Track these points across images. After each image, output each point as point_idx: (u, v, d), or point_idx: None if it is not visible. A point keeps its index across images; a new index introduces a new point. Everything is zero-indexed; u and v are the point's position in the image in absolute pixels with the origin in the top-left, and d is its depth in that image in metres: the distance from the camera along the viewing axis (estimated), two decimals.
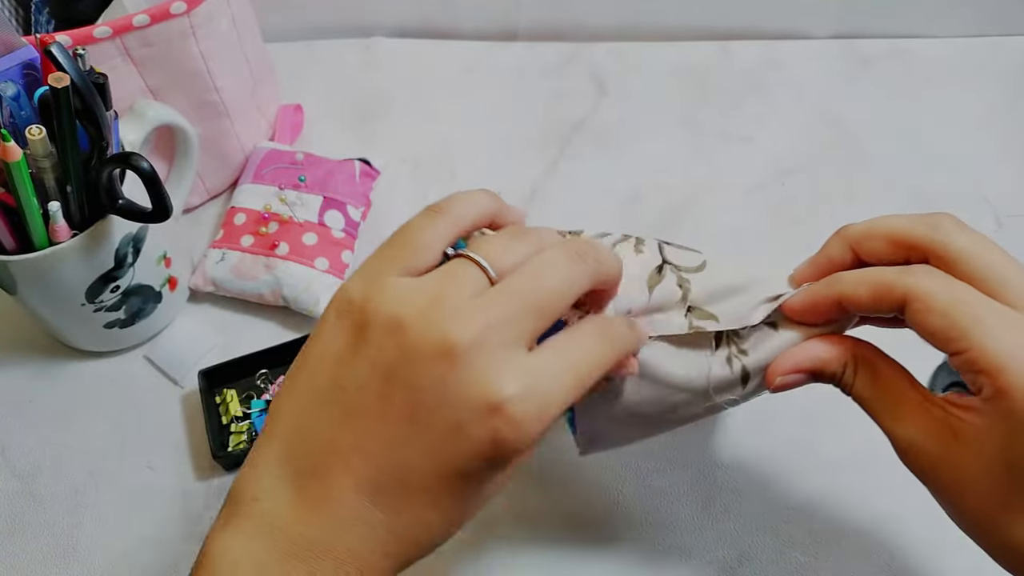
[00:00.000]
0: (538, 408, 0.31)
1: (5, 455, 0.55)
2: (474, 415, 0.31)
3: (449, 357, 0.31)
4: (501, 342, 0.31)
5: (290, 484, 0.32)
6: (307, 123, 0.72)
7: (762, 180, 0.68)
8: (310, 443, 0.32)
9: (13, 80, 0.46)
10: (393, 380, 0.31)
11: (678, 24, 0.78)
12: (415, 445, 0.31)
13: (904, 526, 0.50)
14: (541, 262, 0.33)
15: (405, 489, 0.32)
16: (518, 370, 0.31)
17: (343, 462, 0.32)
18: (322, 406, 0.33)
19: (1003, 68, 0.75)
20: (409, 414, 0.31)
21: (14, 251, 0.48)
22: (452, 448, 0.31)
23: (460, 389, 0.31)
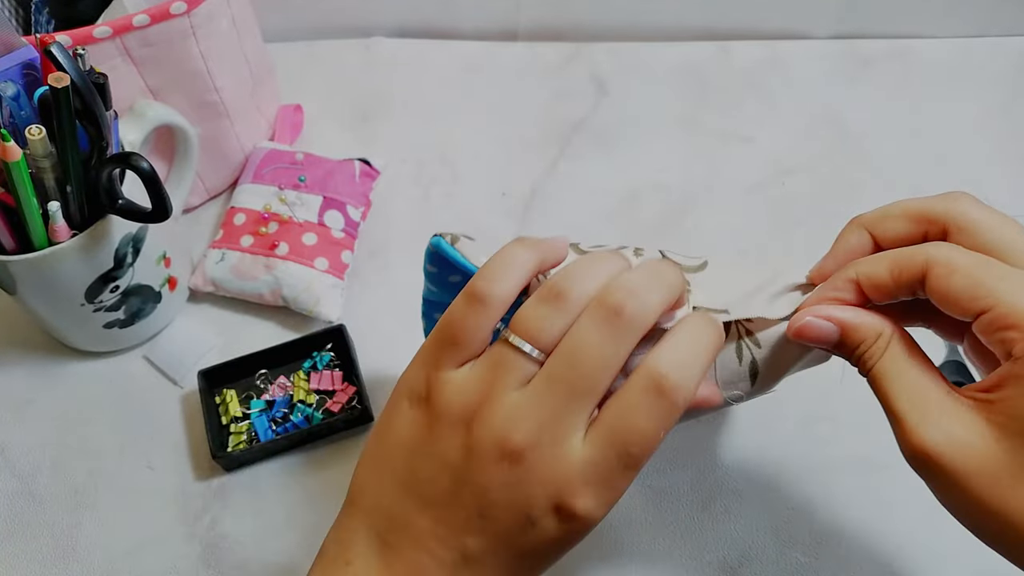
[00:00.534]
0: (604, 499, 0.33)
1: (5, 455, 0.55)
2: (543, 513, 0.33)
3: (510, 460, 0.33)
4: (557, 438, 0.33)
5: (378, 555, 0.35)
6: (307, 123, 0.72)
7: (762, 180, 0.68)
8: (394, 522, 0.35)
9: (13, 80, 0.46)
10: (460, 479, 0.34)
11: (678, 24, 0.78)
12: (487, 535, 0.33)
13: (904, 526, 0.50)
14: (580, 340, 0.34)
15: (480, 569, 0.34)
16: (577, 467, 0.33)
17: (423, 544, 0.34)
18: (401, 490, 0.35)
19: (1003, 68, 0.75)
20: (478, 510, 0.33)
21: (14, 251, 0.48)
22: (524, 539, 0.33)
23: (525, 491, 0.33)
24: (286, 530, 0.52)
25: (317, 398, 0.56)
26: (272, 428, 0.54)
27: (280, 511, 0.53)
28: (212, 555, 0.51)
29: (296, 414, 0.54)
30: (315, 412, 0.55)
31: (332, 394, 0.56)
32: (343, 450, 0.55)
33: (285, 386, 0.56)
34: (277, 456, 0.54)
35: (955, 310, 0.33)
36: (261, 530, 0.52)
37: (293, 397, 0.55)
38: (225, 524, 0.52)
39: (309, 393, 0.56)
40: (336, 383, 0.56)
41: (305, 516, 0.52)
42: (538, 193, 0.68)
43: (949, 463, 0.32)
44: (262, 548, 0.51)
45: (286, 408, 0.55)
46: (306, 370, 0.57)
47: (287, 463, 0.54)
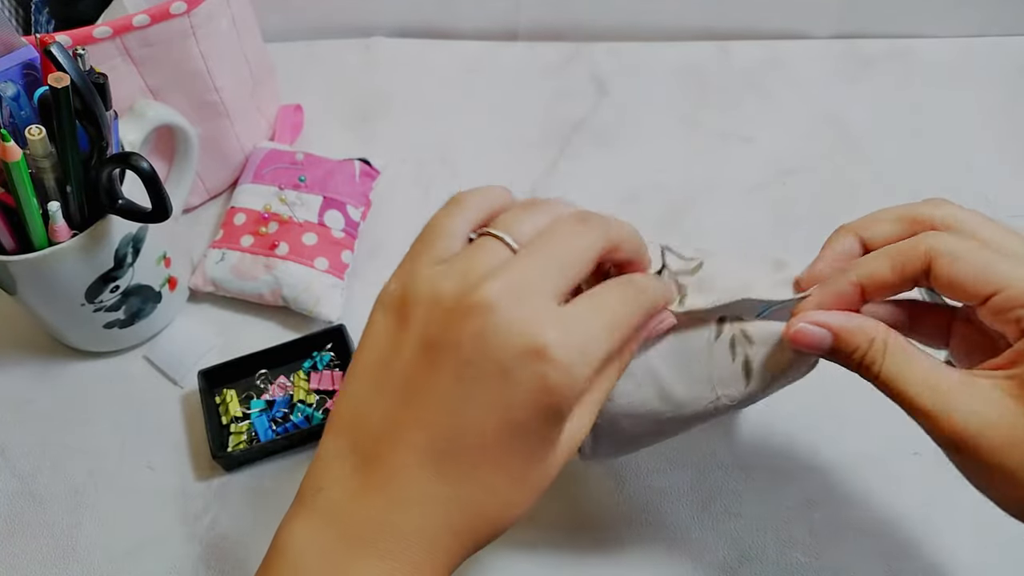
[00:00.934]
0: (580, 350, 0.32)
1: (5, 455, 0.55)
2: (518, 361, 0.31)
3: (483, 311, 0.31)
4: (532, 292, 0.32)
5: (355, 471, 0.33)
6: (307, 123, 0.72)
7: (762, 180, 0.68)
8: (370, 428, 0.33)
9: (13, 80, 0.46)
10: (435, 347, 0.32)
11: (678, 24, 0.78)
12: (467, 404, 0.32)
13: (904, 526, 0.50)
14: (555, 227, 0.35)
15: (466, 452, 0.32)
16: (553, 316, 0.32)
17: (403, 439, 0.32)
18: (377, 392, 0.34)
19: (1004, 68, 0.75)
20: (455, 373, 0.32)
21: (14, 251, 0.49)
22: (503, 399, 0.32)
23: (499, 337, 0.31)
24: None
25: (317, 398, 0.56)
26: (272, 428, 0.54)
27: (280, 511, 0.52)
28: (212, 555, 0.51)
29: (296, 414, 0.54)
30: (315, 412, 0.55)
31: (332, 394, 0.56)
32: None
33: (285, 386, 0.56)
34: (277, 456, 0.54)
35: (963, 295, 0.34)
36: (261, 530, 0.51)
37: (293, 397, 0.55)
38: (225, 524, 0.52)
39: (309, 393, 0.56)
40: (336, 383, 0.56)
41: None
42: (538, 193, 0.68)
43: (985, 443, 0.32)
44: (262, 548, 0.51)
45: (286, 408, 0.55)
46: (306, 370, 0.57)
47: (287, 463, 0.54)
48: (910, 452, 0.53)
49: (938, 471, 0.53)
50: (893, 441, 0.54)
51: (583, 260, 0.34)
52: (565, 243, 0.34)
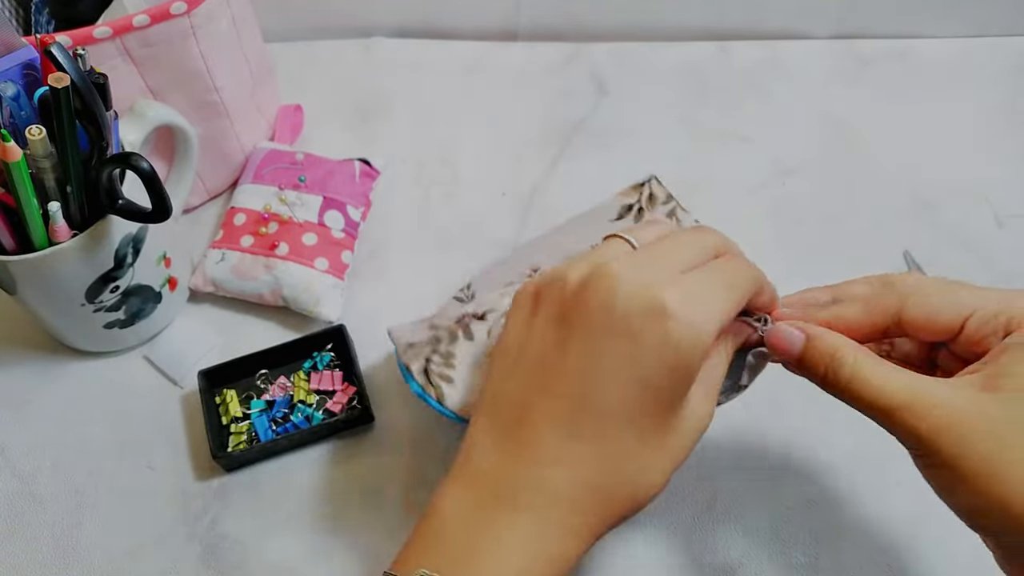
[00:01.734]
0: (702, 308, 0.34)
1: (5, 455, 0.55)
2: (642, 319, 0.34)
3: (608, 280, 0.35)
4: (652, 262, 0.36)
5: (497, 441, 0.36)
6: (307, 123, 0.72)
7: (762, 180, 0.68)
8: (508, 403, 0.37)
9: (13, 80, 0.46)
10: (565, 319, 0.36)
11: (678, 24, 0.78)
12: (598, 366, 0.34)
13: (904, 526, 0.50)
14: (676, 236, 0.39)
15: (599, 412, 0.34)
16: (673, 280, 0.35)
17: (537, 408, 0.35)
18: (514, 371, 0.37)
19: (1003, 68, 0.76)
20: (584, 339, 0.35)
21: (14, 251, 0.49)
22: (631, 357, 0.34)
23: (623, 300, 0.34)
24: (286, 530, 0.52)
25: (317, 398, 0.56)
26: (272, 428, 0.54)
27: (280, 511, 0.53)
28: (212, 555, 0.51)
29: (296, 414, 0.54)
30: (315, 412, 0.55)
31: (332, 394, 0.56)
32: (344, 450, 0.55)
33: (285, 386, 0.56)
34: (277, 456, 0.54)
35: (940, 327, 0.36)
36: (261, 530, 0.52)
37: (293, 397, 0.55)
38: (225, 524, 0.52)
39: (309, 393, 0.56)
40: (336, 383, 0.56)
41: (305, 516, 0.52)
42: (538, 193, 0.68)
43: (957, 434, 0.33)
44: (263, 548, 0.51)
45: (286, 408, 0.55)
46: (306, 370, 0.57)
47: (287, 463, 0.54)
48: None
49: None
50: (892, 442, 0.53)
51: (702, 249, 0.38)
52: (679, 245, 0.38)
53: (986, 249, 0.63)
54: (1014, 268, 0.62)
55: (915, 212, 0.66)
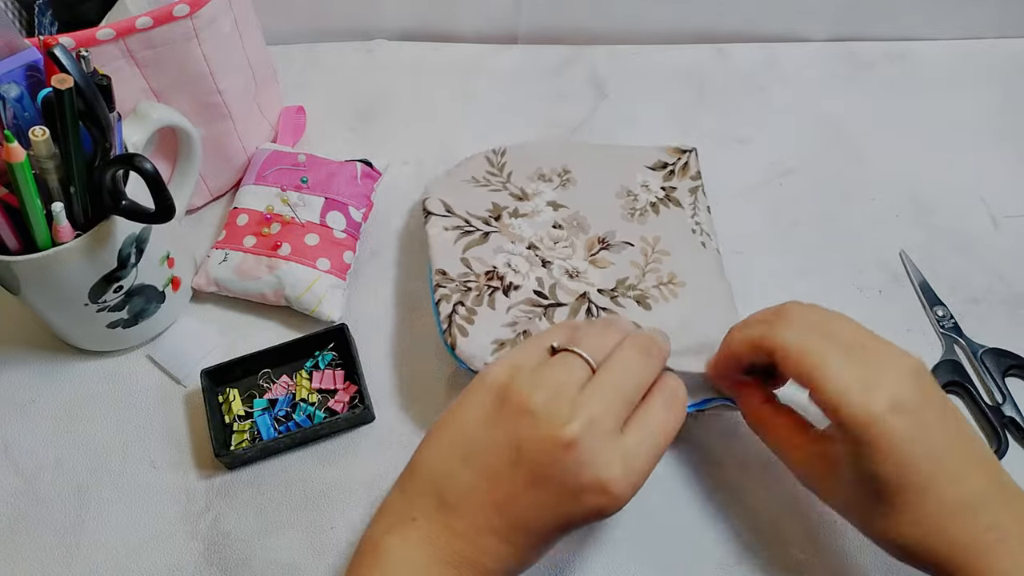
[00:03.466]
0: (633, 484, 0.41)
1: (8, 454, 0.56)
2: (584, 490, 0.40)
3: (569, 447, 0.39)
4: (605, 431, 0.40)
5: (442, 515, 0.41)
6: (309, 125, 0.72)
7: (760, 182, 0.68)
8: (456, 487, 0.41)
9: (17, 81, 0.46)
10: (522, 454, 0.40)
11: (676, 27, 0.78)
12: (537, 506, 0.40)
13: None
14: (625, 359, 0.44)
15: (525, 534, 0.41)
16: (618, 455, 0.40)
17: (481, 508, 0.41)
18: (465, 460, 0.41)
19: (1000, 70, 0.76)
20: (532, 481, 0.40)
21: (18, 251, 0.49)
22: (567, 511, 0.40)
23: (576, 471, 0.40)
24: (288, 528, 0.52)
25: (319, 397, 0.56)
26: (274, 427, 0.54)
27: (282, 509, 0.53)
28: (215, 553, 0.51)
29: (298, 413, 0.55)
30: (317, 411, 0.55)
31: (334, 393, 0.56)
32: (345, 449, 0.55)
33: (287, 385, 0.56)
34: (279, 455, 0.55)
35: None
36: (263, 528, 0.52)
37: (295, 396, 0.56)
38: (228, 522, 0.52)
39: (311, 392, 0.56)
40: (338, 382, 0.56)
41: (307, 514, 0.52)
42: None
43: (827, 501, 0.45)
44: (264, 546, 0.52)
45: (288, 407, 0.55)
46: (308, 369, 0.57)
47: (289, 462, 0.55)
48: None
49: None
50: None
51: (642, 389, 0.44)
52: (631, 376, 0.43)
53: (982, 250, 0.64)
54: (1009, 269, 0.62)
55: (912, 213, 0.66)
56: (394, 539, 0.41)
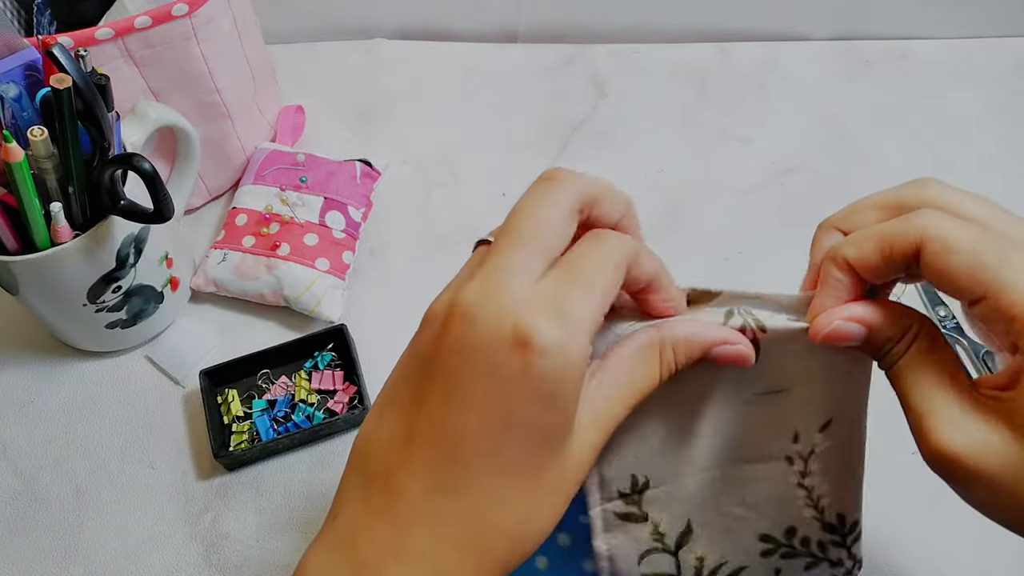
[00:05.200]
0: (563, 325, 0.29)
1: (7, 455, 0.55)
2: (500, 355, 0.29)
3: (460, 317, 0.30)
4: (501, 282, 0.30)
5: (361, 492, 0.32)
6: (308, 124, 0.72)
7: (761, 181, 0.68)
8: (376, 454, 0.32)
9: (15, 81, 0.46)
10: (427, 363, 0.31)
11: (677, 26, 0.78)
12: (461, 411, 0.30)
13: (904, 525, 0.50)
14: (523, 200, 0.34)
15: (465, 461, 0.30)
16: (525, 297, 0.30)
17: (400, 460, 0.31)
18: (385, 416, 0.33)
19: (1001, 69, 0.76)
20: (444, 384, 0.30)
21: (16, 252, 0.49)
22: (494, 397, 0.30)
23: (477, 338, 0.30)
24: (287, 529, 0.52)
25: (318, 398, 0.56)
26: (273, 427, 0.54)
27: (281, 510, 0.53)
28: (214, 554, 0.51)
29: (297, 413, 0.55)
30: (316, 411, 0.55)
31: (333, 394, 0.56)
32: (344, 449, 0.55)
33: (286, 386, 0.56)
34: (278, 455, 0.55)
35: (952, 292, 0.31)
36: (262, 529, 0.52)
37: (294, 397, 0.56)
38: (227, 523, 0.52)
39: (310, 393, 0.56)
40: (337, 383, 0.56)
41: (306, 515, 0.52)
42: None
43: (972, 465, 0.30)
44: (263, 547, 0.51)
45: (287, 408, 0.55)
46: (307, 370, 0.57)
47: (288, 462, 0.55)
48: (909, 452, 0.53)
49: None
50: (892, 441, 0.54)
51: (552, 224, 0.32)
52: (527, 211, 0.33)
53: None
54: None
55: None
56: (310, 550, 0.33)
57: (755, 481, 0.37)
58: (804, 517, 0.38)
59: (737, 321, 0.35)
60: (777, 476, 0.37)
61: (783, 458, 0.37)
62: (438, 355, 0.31)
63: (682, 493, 0.37)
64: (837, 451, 0.37)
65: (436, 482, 0.30)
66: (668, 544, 0.38)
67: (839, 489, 0.38)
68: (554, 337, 0.29)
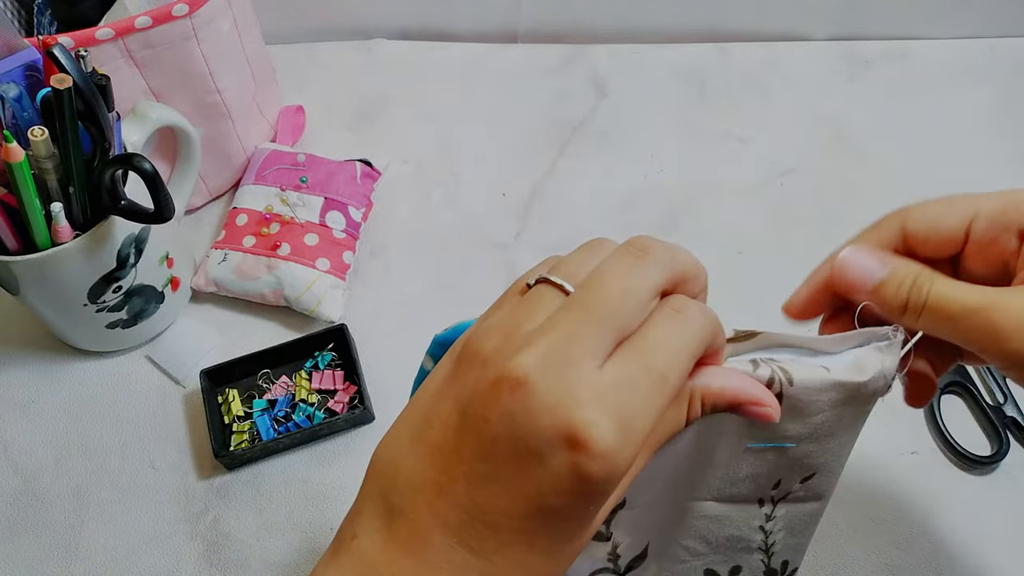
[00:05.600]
0: (622, 431, 0.28)
1: (8, 455, 0.56)
2: (549, 447, 0.28)
3: (515, 386, 0.28)
4: (567, 361, 0.28)
5: (383, 523, 0.31)
6: (308, 124, 0.72)
7: (761, 181, 0.68)
8: (401, 480, 0.31)
9: (16, 81, 0.46)
10: (467, 415, 0.30)
11: (677, 26, 0.78)
12: (492, 484, 0.29)
13: (903, 524, 0.50)
14: (605, 267, 0.31)
15: (492, 531, 0.29)
16: (590, 390, 0.28)
17: (428, 502, 0.30)
18: (413, 442, 0.31)
19: (1000, 69, 0.76)
20: (481, 451, 0.29)
21: (17, 252, 0.49)
22: (532, 485, 0.28)
23: (529, 419, 0.28)
24: (288, 528, 0.52)
25: (319, 397, 0.56)
26: (274, 427, 0.54)
27: (282, 510, 0.53)
28: (214, 553, 0.51)
29: (298, 413, 0.55)
30: (317, 411, 0.55)
31: (334, 393, 0.56)
32: (345, 449, 0.55)
33: (287, 385, 0.56)
34: (279, 455, 0.55)
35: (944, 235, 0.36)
36: (263, 528, 0.52)
37: (295, 396, 0.56)
38: (227, 522, 0.52)
39: (311, 392, 0.56)
40: (337, 382, 0.56)
41: (306, 515, 0.52)
42: (538, 193, 0.68)
43: None
44: (264, 546, 0.52)
45: (288, 407, 0.55)
46: (308, 370, 0.57)
47: (289, 462, 0.55)
48: (908, 451, 0.53)
49: (935, 470, 0.53)
50: (891, 441, 0.54)
51: (633, 303, 0.30)
52: (610, 284, 0.30)
53: None
54: None
55: None
56: (329, 570, 0.32)
57: (723, 519, 0.37)
58: (752, 559, 0.38)
59: (765, 372, 0.34)
60: (744, 518, 0.37)
61: (756, 500, 0.37)
62: (484, 419, 0.29)
63: (651, 519, 0.37)
64: (808, 501, 0.37)
65: (463, 541, 0.30)
66: (619, 566, 0.37)
67: (795, 538, 0.38)
68: (610, 444, 0.28)
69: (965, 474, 0.53)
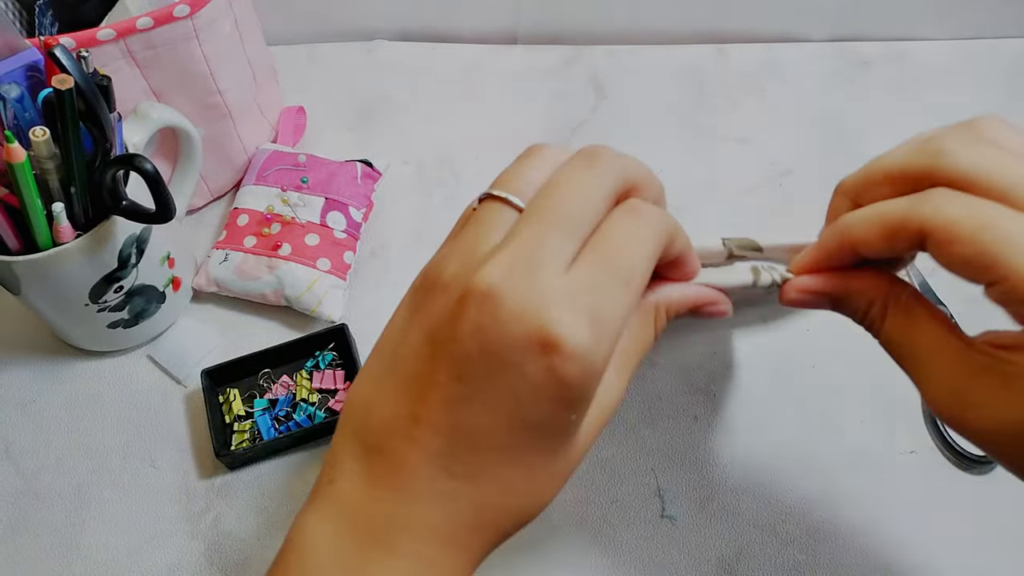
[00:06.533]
0: (594, 329, 0.28)
1: (9, 454, 0.56)
2: (523, 355, 0.28)
3: (482, 300, 0.28)
4: (532, 267, 0.28)
5: (362, 462, 0.31)
6: (309, 125, 0.72)
7: (760, 182, 0.68)
8: (375, 418, 0.31)
9: (17, 82, 0.46)
10: (436, 340, 0.30)
11: (677, 27, 0.78)
12: (471, 403, 0.29)
13: (902, 524, 0.51)
14: (559, 175, 0.31)
15: (475, 453, 0.29)
16: (558, 292, 0.28)
17: (408, 435, 0.30)
18: (384, 379, 0.31)
19: (1000, 70, 0.76)
20: (455, 371, 0.29)
21: (18, 252, 0.49)
22: (510, 398, 0.28)
23: (500, 330, 0.28)
24: (288, 528, 0.52)
25: (319, 397, 0.56)
26: (275, 427, 0.55)
27: (283, 509, 0.53)
28: (215, 553, 0.51)
29: (299, 413, 0.55)
30: (317, 411, 0.55)
31: (334, 393, 0.56)
32: None
33: (288, 385, 0.57)
34: (280, 455, 0.55)
35: (965, 277, 0.31)
36: (264, 528, 0.52)
37: (296, 396, 0.56)
38: (228, 522, 0.52)
39: (312, 392, 0.56)
40: (338, 382, 0.57)
41: None
42: None
43: (973, 425, 0.31)
44: (265, 546, 0.52)
45: (289, 407, 0.55)
46: (308, 369, 0.57)
47: (290, 462, 0.55)
48: (907, 451, 0.53)
49: (934, 469, 0.53)
50: (890, 440, 0.54)
51: (590, 208, 0.30)
52: (570, 189, 0.30)
53: None
54: None
55: None
56: (309, 517, 0.32)
57: None
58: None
59: (766, 278, 0.38)
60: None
61: None
62: (453, 339, 0.29)
63: None
64: None
65: (447, 468, 0.30)
66: None
67: None
68: (583, 342, 0.28)
69: (964, 474, 0.53)
